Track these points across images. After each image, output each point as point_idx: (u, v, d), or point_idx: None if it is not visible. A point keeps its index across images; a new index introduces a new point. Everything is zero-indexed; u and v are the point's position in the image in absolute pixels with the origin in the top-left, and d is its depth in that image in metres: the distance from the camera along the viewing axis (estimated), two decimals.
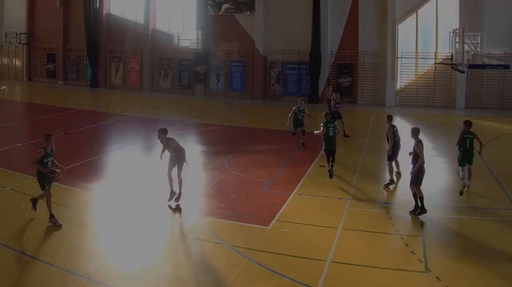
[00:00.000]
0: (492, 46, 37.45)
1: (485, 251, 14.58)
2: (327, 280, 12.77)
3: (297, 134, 27.57)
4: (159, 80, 55.39)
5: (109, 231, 15.90)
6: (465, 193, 19.76)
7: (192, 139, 31.42)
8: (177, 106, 45.33)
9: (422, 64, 46.96)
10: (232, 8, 50.95)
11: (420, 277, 13.02)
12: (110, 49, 57.67)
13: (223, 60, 51.73)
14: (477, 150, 20.64)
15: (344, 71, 47.47)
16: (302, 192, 19.91)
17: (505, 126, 36.01)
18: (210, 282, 12.72)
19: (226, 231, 15.96)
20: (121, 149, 27.66)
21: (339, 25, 47.30)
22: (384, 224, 16.80)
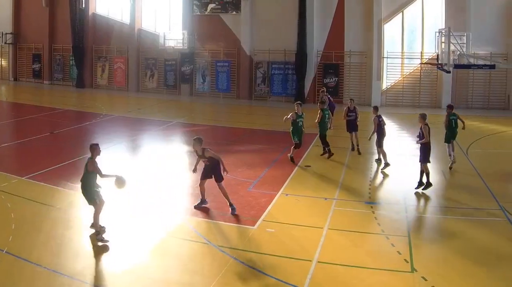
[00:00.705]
0: (478, 46, 37.55)
1: (471, 251, 14.64)
2: (313, 280, 12.79)
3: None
4: (145, 80, 55.45)
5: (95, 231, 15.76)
6: (451, 193, 20.18)
7: (178, 139, 31.57)
8: (163, 106, 45.23)
9: (408, 64, 47.12)
10: (218, 8, 51.02)
11: (406, 277, 13.04)
12: (96, 49, 57.64)
13: (209, 60, 51.82)
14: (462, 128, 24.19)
15: (330, 71, 47.62)
16: (288, 192, 19.94)
17: (490, 126, 36.14)
18: (196, 282, 12.73)
19: (212, 231, 16.01)
20: (107, 149, 27.36)
21: (325, 25, 47.43)
22: (370, 224, 16.86)
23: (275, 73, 49.23)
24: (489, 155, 27.35)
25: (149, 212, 17.50)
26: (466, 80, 44.16)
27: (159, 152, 27.78)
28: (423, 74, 45.57)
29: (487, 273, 13.20)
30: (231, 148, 28.18)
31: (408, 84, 46.19)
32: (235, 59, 50.68)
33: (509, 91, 43.65)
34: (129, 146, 29.39)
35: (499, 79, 43.70)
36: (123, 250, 14.56)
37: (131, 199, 18.81)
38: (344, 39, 47.22)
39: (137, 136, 31.40)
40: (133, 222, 16.66)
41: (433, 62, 30.35)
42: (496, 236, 15.88)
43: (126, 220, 16.88)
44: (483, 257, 14.25)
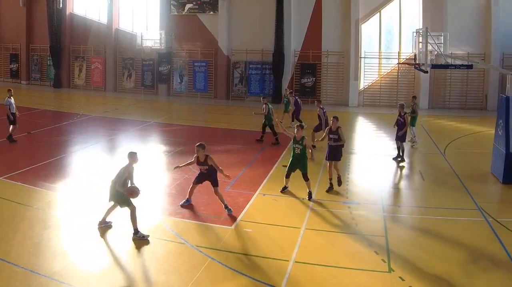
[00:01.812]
0: (455, 46, 38.05)
1: (449, 251, 14.71)
2: (290, 280, 12.82)
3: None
4: (122, 80, 55.31)
5: (73, 231, 15.80)
6: (429, 193, 20.52)
7: (155, 139, 31.54)
8: (140, 106, 45.11)
9: (385, 64, 47.30)
10: (196, 8, 50.97)
11: (384, 277, 13.08)
12: (73, 49, 57.42)
13: (186, 60, 51.82)
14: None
15: (307, 71, 47.69)
16: (266, 192, 19.99)
17: (468, 126, 36.34)
18: (173, 282, 12.69)
19: (189, 231, 15.97)
20: (84, 148, 27.48)
21: (302, 25, 47.48)
22: (347, 224, 16.85)
23: (253, 73, 49.29)
24: (466, 155, 27.46)
25: (126, 212, 17.40)
26: (443, 80, 44.48)
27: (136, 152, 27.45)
28: (400, 74, 45.76)
29: (465, 273, 13.27)
30: (208, 148, 27.53)
31: (386, 84, 46.34)
32: (213, 59, 50.71)
33: (486, 91, 43.87)
34: (106, 146, 29.26)
35: (477, 79, 44.08)
36: (100, 250, 14.52)
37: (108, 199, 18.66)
38: (321, 39, 47.30)
39: (114, 136, 31.30)
40: (110, 221, 16.50)
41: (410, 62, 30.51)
42: (473, 236, 15.96)
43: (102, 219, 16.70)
44: (460, 257, 14.33)
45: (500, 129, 22.00)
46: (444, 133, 32.55)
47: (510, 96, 21.40)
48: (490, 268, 13.63)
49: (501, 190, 21.09)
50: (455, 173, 23.23)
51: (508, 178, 21.24)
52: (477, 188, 20.98)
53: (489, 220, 17.15)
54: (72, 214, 17.30)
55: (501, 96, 22.59)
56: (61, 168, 23.58)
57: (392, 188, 21.94)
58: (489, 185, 22.13)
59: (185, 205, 18.15)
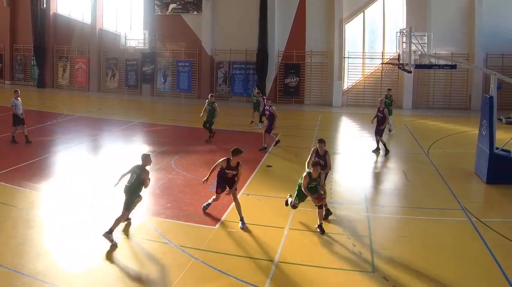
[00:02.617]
0: (439, 46, 38.19)
1: (432, 251, 14.72)
2: (274, 280, 12.81)
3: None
4: (106, 80, 55.36)
5: (56, 231, 15.73)
6: (413, 193, 20.61)
7: (139, 139, 31.44)
8: (124, 106, 45.04)
9: (369, 64, 47.70)
10: (179, 8, 51.17)
11: (367, 277, 13.08)
12: (57, 49, 57.38)
13: (170, 60, 51.98)
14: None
15: (291, 71, 47.95)
16: (249, 192, 19.97)
17: (451, 126, 36.46)
18: (157, 282, 12.68)
19: (173, 231, 15.92)
20: (68, 149, 27.41)
21: (286, 25, 47.67)
22: (330, 224, 16.81)
23: (236, 73, 49.54)
24: (450, 155, 27.51)
25: (110, 212, 17.24)
26: (427, 80, 44.85)
27: (120, 152, 27.73)
28: (384, 74, 46.09)
29: (449, 273, 13.25)
30: (192, 148, 28.29)
31: (369, 84, 46.64)
32: (196, 59, 50.86)
33: (470, 91, 44.27)
34: (90, 146, 29.17)
35: (460, 79, 44.48)
36: (84, 250, 14.44)
37: (92, 199, 18.76)
38: (305, 39, 47.58)
39: (98, 136, 31.27)
40: (94, 222, 16.51)
41: (394, 62, 30.59)
42: (457, 236, 15.99)
43: (87, 220, 16.75)
44: (444, 257, 14.33)
45: (484, 129, 22.05)
46: (427, 133, 32.62)
47: (494, 96, 21.47)
48: (474, 268, 13.63)
49: (484, 190, 21.12)
50: (438, 173, 23.29)
51: (492, 178, 21.30)
52: (460, 187, 21.05)
53: (472, 220, 17.18)
54: (55, 214, 17.21)
55: (485, 96, 22.63)
56: (44, 168, 23.51)
57: (376, 188, 21.98)
58: (473, 185, 22.19)
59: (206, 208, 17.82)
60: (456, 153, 28.18)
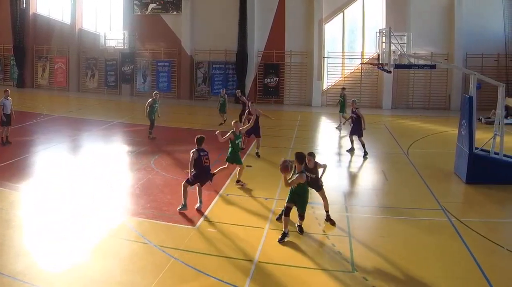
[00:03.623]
0: (419, 46, 38.64)
1: (412, 251, 14.75)
2: (253, 280, 12.79)
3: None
4: (85, 80, 55.37)
5: (36, 231, 15.66)
6: (392, 193, 20.65)
7: (118, 139, 31.35)
8: (103, 106, 44.93)
9: (349, 64, 47.94)
10: (159, 8, 51.29)
11: (347, 277, 13.07)
12: (37, 49, 57.26)
13: (150, 60, 52.08)
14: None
15: (271, 71, 48.14)
16: (229, 192, 19.93)
17: (431, 126, 36.60)
18: (137, 282, 12.63)
19: (153, 231, 15.87)
20: (47, 149, 27.34)
21: (265, 25, 47.88)
22: (310, 224, 16.76)
23: (216, 73, 49.72)
24: (429, 155, 27.51)
25: (90, 212, 17.34)
26: (407, 80, 45.07)
27: (100, 152, 27.67)
28: (363, 74, 46.33)
29: (428, 273, 13.28)
30: (171, 148, 28.28)
31: (349, 84, 46.28)
32: (176, 59, 51.01)
33: (449, 91, 44.56)
34: (70, 146, 29.03)
35: (440, 79, 44.72)
36: (64, 250, 14.37)
37: (72, 199, 18.67)
38: (284, 39, 47.81)
39: (77, 136, 31.17)
40: (74, 221, 16.47)
41: (373, 62, 30.69)
42: (437, 236, 16.00)
43: (66, 220, 16.67)
44: (424, 257, 14.36)
45: (464, 129, 22.13)
46: (407, 133, 32.71)
47: (473, 96, 21.54)
48: (453, 268, 13.67)
49: (464, 190, 21.16)
50: (418, 173, 23.35)
51: (471, 178, 21.37)
52: (440, 187, 21.08)
53: (452, 220, 17.23)
54: (35, 214, 17.13)
55: (464, 96, 22.71)
56: (24, 168, 23.38)
57: (355, 188, 22.01)
58: (452, 185, 22.24)
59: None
60: (435, 152, 28.23)
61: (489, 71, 40.67)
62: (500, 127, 21.55)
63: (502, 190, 20.53)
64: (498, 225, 17.23)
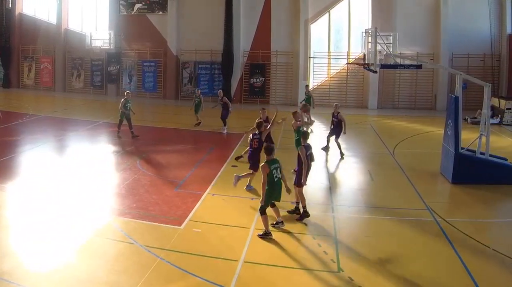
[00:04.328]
0: (405, 46, 38.74)
1: (397, 251, 14.78)
2: (239, 280, 12.78)
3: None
4: (71, 80, 55.27)
5: (22, 231, 15.63)
6: (378, 193, 20.73)
7: (104, 139, 31.23)
8: (89, 106, 44.88)
9: (335, 64, 47.85)
10: (145, 8, 51.21)
11: (333, 277, 13.07)
12: (23, 49, 57.15)
13: (136, 60, 51.99)
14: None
15: (257, 71, 48.12)
16: (215, 192, 19.89)
17: (417, 126, 36.66)
18: (122, 282, 12.61)
19: (138, 231, 15.84)
20: (33, 149, 27.28)
21: (251, 25, 47.86)
22: (296, 224, 16.83)
23: (202, 73, 49.64)
24: (415, 155, 27.56)
25: (76, 212, 17.32)
26: (392, 81, 45.09)
27: (86, 152, 27.61)
28: (349, 74, 46.21)
29: (414, 273, 13.30)
30: (157, 148, 28.29)
31: (335, 84, 46.84)
32: (162, 59, 50.96)
33: (435, 91, 44.63)
34: (55, 146, 28.96)
35: (426, 79, 44.82)
36: (50, 250, 14.34)
37: (58, 199, 18.65)
38: (270, 39, 47.78)
39: (63, 136, 31.15)
40: (60, 222, 16.43)
41: (359, 62, 30.71)
42: (422, 236, 16.04)
43: (52, 220, 16.62)
44: (409, 256, 14.41)
45: (449, 129, 22.17)
46: (393, 133, 32.73)
47: (459, 96, 21.59)
48: (439, 268, 13.69)
49: (450, 190, 21.20)
50: (404, 173, 23.37)
51: (457, 178, 21.41)
52: (426, 187, 21.11)
53: (438, 220, 17.26)
54: (21, 214, 17.12)
55: (450, 96, 22.77)
56: (10, 168, 23.34)
57: (341, 188, 21.99)
58: (438, 185, 22.29)
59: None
60: (421, 153, 28.27)
61: (475, 71, 40.78)
62: (486, 127, 21.59)
63: (488, 189, 20.57)
64: (484, 225, 17.26)
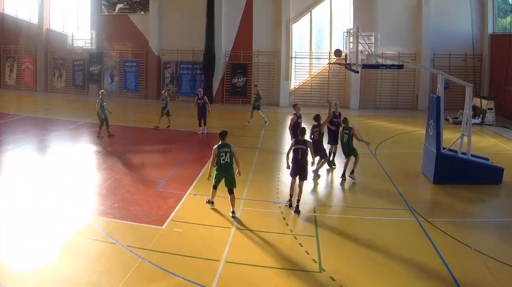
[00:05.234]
0: (386, 46, 38.44)
1: (379, 251, 14.84)
2: (221, 280, 12.83)
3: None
4: (53, 80, 54.98)
5: (4, 231, 15.62)
6: (360, 194, 20.87)
7: (86, 139, 31.07)
8: (71, 106, 44.72)
9: (316, 64, 47.81)
10: (126, 8, 51.03)
11: (315, 277, 13.14)
12: (4, 49, 56.84)
13: (117, 60, 51.76)
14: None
15: (238, 71, 48.02)
16: (196, 192, 19.89)
17: (398, 126, 36.74)
18: (104, 282, 12.62)
19: (120, 231, 15.85)
20: (15, 149, 27.21)
21: (233, 25, 47.79)
22: (278, 224, 16.92)
23: (183, 73, 49.52)
24: (397, 155, 27.68)
25: (57, 212, 17.31)
26: (374, 80, 45.09)
27: (67, 152, 27.52)
28: (331, 74, 46.16)
29: (396, 273, 13.39)
30: (139, 148, 28.31)
31: (316, 84, 46.80)
32: (144, 59, 50.76)
33: (417, 91, 44.66)
34: (37, 146, 28.87)
35: (407, 79, 44.80)
36: (31, 249, 14.34)
37: (39, 199, 18.61)
38: (252, 39, 47.70)
39: (45, 136, 31.07)
40: (41, 222, 16.41)
41: (341, 62, 30.69)
42: (404, 236, 16.16)
43: (34, 219, 16.61)
44: (391, 257, 14.48)
45: (431, 130, 22.25)
46: (375, 133, 32.67)
47: (441, 96, 21.66)
48: (420, 267, 13.78)
49: (431, 190, 21.27)
50: (386, 173, 23.46)
51: (438, 178, 21.52)
52: (407, 188, 21.20)
53: (419, 220, 17.34)
54: (2, 215, 17.11)
55: (432, 96, 22.90)
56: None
57: (323, 188, 22.05)
58: (420, 185, 22.32)
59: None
60: (403, 153, 28.40)
61: (457, 71, 40.84)
62: (467, 127, 21.71)
63: (469, 189, 20.71)
64: (466, 225, 17.33)
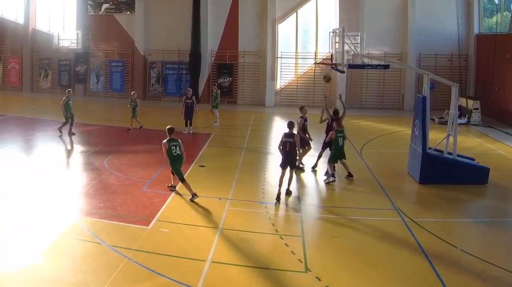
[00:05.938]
0: (372, 46, 38.65)
1: (365, 251, 14.86)
2: (206, 280, 12.81)
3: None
4: (39, 80, 54.88)
5: None
6: (346, 194, 21.07)
7: (72, 139, 30.77)
8: (57, 106, 43.66)
9: (302, 64, 47.92)
10: (112, 8, 51.04)
11: (300, 277, 13.15)
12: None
13: (103, 60, 51.73)
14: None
15: (224, 71, 48.12)
16: (182, 192, 19.77)
17: (384, 126, 36.89)
18: (90, 282, 12.56)
19: (106, 231, 15.80)
20: (0, 149, 27.10)
21: (219, 25, 47.89)
22: (264, 224, 16.94)
23: (169, 73, 49.58)
24: (383, 155, 27.75)
25: (42, 212, 17.25)
26: (360, 80, 45.30)
27: (53, 152, 27.39)
28: (317, 74, 46.13)
29: (381, 273, 13.41)
30: (124, 147, 28.27)
31: (302, 84, 46.99)
32: (129, 59, 50.76)
33: (403, 91, 44.90)
34: (23, 146, 28.78)
35: (393, 79, 45.07)
36: (16, 250, 14.29)
37: (25, 199, 18.56)
38: (238, 39, 47.81)
39: (31, 136, 31.01)
40: (27, 222, 16.36)
41: (327, 62, 30.71)
42: (390, 235, 16.15)
43: (19, 220, 16.55)
44: (377, 256, 14.50)
45: (417, 130, 22.31)
46: (360, 133, 32.71)
47: (427, 96, 21.71)
48: (406, 268, 13.83)
49: (417, 190, 21.32)
50: (371, 173, 23.47)
51: (424, 178, 21.57)
52: (393, 188, 21.23)
53: (405, 220, 17.36)
54: None
55: (418, 96, 22.98)
56: None
57: (309, 188, 22.01)
58: (406, 185, 22.40)
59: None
60: (389, 153, 28.47)
61: (443, 71, 41.07)
62: (453, 127, 21.73)
63: (455, 189, 20.78)
64: (451, 225, 17.42)
